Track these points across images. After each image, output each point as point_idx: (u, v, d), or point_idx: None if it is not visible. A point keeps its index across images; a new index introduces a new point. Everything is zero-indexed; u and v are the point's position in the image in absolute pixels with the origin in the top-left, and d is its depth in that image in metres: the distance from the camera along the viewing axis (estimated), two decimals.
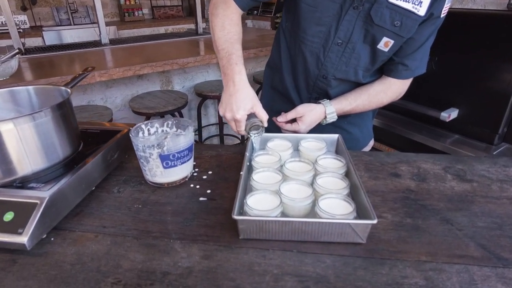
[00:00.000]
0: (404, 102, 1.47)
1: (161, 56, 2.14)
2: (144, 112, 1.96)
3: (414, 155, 0.90)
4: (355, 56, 0.90)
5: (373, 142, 1.17)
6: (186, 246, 0.60)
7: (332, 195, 0.64)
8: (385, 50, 0.87)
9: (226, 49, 0.84)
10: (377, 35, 0.85)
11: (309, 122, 0.95)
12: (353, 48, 0.89)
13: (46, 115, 0.66)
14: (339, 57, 0.91)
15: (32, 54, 2.26)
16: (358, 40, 0.87)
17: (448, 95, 1.38)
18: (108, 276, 0.54)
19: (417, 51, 0.89)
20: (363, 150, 1.13)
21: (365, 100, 0.96)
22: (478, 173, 0.82)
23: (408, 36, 0.85)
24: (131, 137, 0.73)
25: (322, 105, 0.95)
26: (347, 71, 0.93)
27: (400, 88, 0.97)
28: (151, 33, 3.99)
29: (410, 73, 0.93)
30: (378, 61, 0.91)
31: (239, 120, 0.80)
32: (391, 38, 0.85)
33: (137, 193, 0.76)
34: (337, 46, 0.89)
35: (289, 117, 0.95)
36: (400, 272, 0.54)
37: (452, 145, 1.34)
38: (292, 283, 0.52)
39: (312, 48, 0.92)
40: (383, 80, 0.97)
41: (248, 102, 0.80)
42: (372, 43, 0.87)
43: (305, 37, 0.92)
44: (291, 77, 1.02)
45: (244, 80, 0.81)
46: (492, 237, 0.61)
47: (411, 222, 0.65)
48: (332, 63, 0.92)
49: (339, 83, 0.96)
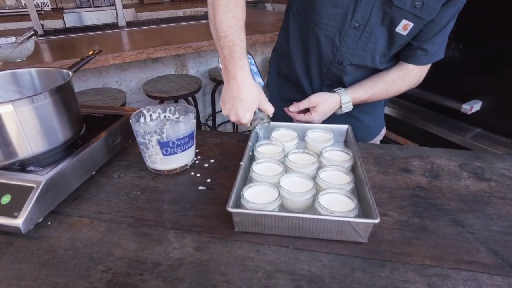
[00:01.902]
0: (423, 92, 1.39)
1: (176, 39, 2.11)
2: (157, 96, 1.96)
3: (429, 150, 0.84)
4: (373, 40, 0.84)
5: (385, 130, 1.12)
6: (180, 236, 0.59)
7: (333, 190, 0.60)
8: (403, 33, 0.81)
9: (229, 36, 0.76)
10: (395, 17, 0.79)
11: (323, 112, 0.90)
12: (370, 32, 0.83)
13: (46, 97, 0.65)
14: (355, 42, 0.85)
15: (50, 36, 2.29)
16: (376, 23, 0.81)
17: (472, 86, 1.29)
18: (99, 264, 0.54)
19: (438, 35, 0.83)
20: (375, 139, 1.08)
21: (382, 88, 0.91)
22: (498, 171, 0.76)
23: (429, 19, 0.79)
24: (131, 123, 0.72)
25: (337, 94, 0.90)
26: (364, 56, 0.87)
27: (418, 74, 0.91)
28: (169, 16, 3.96)
29: (430, 59, 0.87)
30: (396, 45, 0.85)
31: (244, 123, 0.76)
32: (410, 21, 0.79)
33: (137, 179, 0.75)
34: (354, 29, 0.83)
35: (302, 107, 0.91)
36: (401, 276, 0.50)
37: (472, 139, 1.26)
38: (284, 282, 0.50)
39: (327, 32, 0.86)
40: (401, 67, 0.91)
41: (253, 103, 0.75)
42: (390, 26, 0.81)
43: (320, 20, 0.85)
44: (301, 63, 0.97)
45: (248, 78, 0.75)
46: (507, 243, 0.56)
47: (418, 222, 0.61)
48: (348, 48, 0.86)
49: (354, 69, 0.91)
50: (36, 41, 2.10)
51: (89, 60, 0.87)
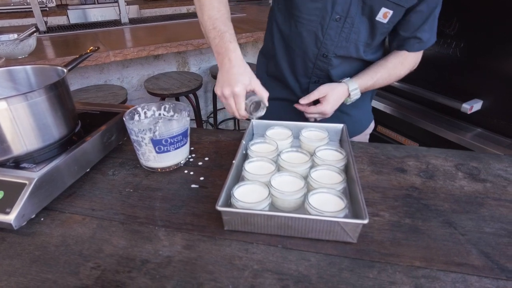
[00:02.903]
0: (422, 91, 1.37)
1: (178, 36, 2.11)
2: (158, 93, 1.96)
3: (425, 150, 0.84)
4: (355, 31, 0.87)
5: (374, 124, 1.14)
6: (170, 234, 0.59)
7: (324, 190, 0.60)
8: (384, 21, 0.85)
9: (217, 27, 0.80)
10: (375, 6, 0.82)
11: (333, 101, 0.91)
12: (352, 23, 0.86)
13: (40, 95, 0.66)
14: (338, 33, 0.88)
15: (53, 33, 2.30)
16: (357, 14, 0.84)
17: (472, 85, 1.27)
18: (89, 260, 0.54)
19: (426, 22, 0.87)
20: (365, 132, 1.11)
21: (385, 74, 0.94)
22: (494, 172, 0.75)
23: (408, 5, 0.82)
24: (124, 121, 0.72)
25: (343, 83, 0.92)
26: (348, 47, 0.90)
27: (415, 58, 0.95)
28: (173, 13, 3.96)
29: (424, 45, 0.91)
30: (378, 33, 0.88)
31: (238, 95, 0.75)
32: (390, 9, 0.82)
33: (130, 176, 0.75)
34: (335, 22, 0.86)
35: (312, 98, 0.91)
36: (388, 277, 0.50)
37: (472, 139, 1.24)
38: (271, 281, 0.50)
39: (310, 26, 0.88)
40: (397, 54, 0.94)
41: (246, 77, 0.76)
42: (370, 15, 0.84)
43: (301, 16, 0.88)
44: (287, 62, 0.98)
45: (240, 57, 0.78)
46: (499, 245, 0.56)
47: (409, 223, 0.60)
48: (332, 40, 0.89)
49: (340, 62, 0.93)
50: (39, 38, 2.12)
51: (86, 58, 0.87)
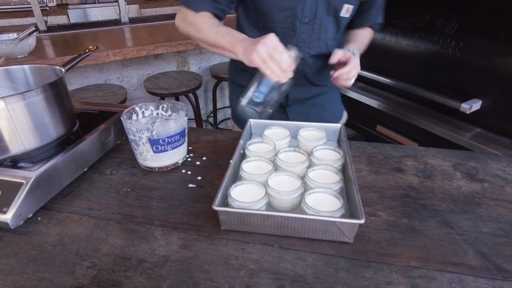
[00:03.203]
0: (421, 90, 1.37)
1: (177, 36, 2.11)
2: (158, 92, 1.96)
3: (423, 149, 0.84)
4: (323, 30, 0.94)
5: (346, 114, 1.20)
6: (167, 233, 0.59)
7: (321, 190, 0.60)
8: (346, 16, 0.94)
9: (221, 32, 0.84)
10: (338, 5, 0.90)
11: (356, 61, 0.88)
12: (320, 23, 0.92)
13: (37, 94, 0.66)
14: (310, 35, 0.94)
15: (53, 32, 2.30)
16: (323, 15, 0.91)
17: (471, 85, 1.27)
18: (85, 260, 0.54)
19: (381, 7, 1.00)
20: (341, 121, 1.14)
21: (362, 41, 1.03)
22: (492, 172, 0.75)
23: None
24: (122, 120, 0.72)
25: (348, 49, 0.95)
26: (319, 45, 0.96)
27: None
28: (173, 12, 3.96)
29: (381, 25, 1.06)
30: (342, 27, 0.97)
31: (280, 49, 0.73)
32: (351, 4, 0.91)
33: (128, 176, 0.75)
34: (306, 25, 0.92)
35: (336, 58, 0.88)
36: (385, 277, 0.50)
37: (471, 139, 1.24)
38: (267, 281, 0.50)
39: (283, 33, 0.91)
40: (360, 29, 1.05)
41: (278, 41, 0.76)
42: (335, 13, 0.92)
43: (273, 25, 0.92)
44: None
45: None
46: (496, 245, 0.56)
47: (406, 223, 0.60)
48: (304, 42, 0.94)
49: (314, 60, 0.99)
50: (39, 37, 2.12)
51: (84, 57, 0.87)
